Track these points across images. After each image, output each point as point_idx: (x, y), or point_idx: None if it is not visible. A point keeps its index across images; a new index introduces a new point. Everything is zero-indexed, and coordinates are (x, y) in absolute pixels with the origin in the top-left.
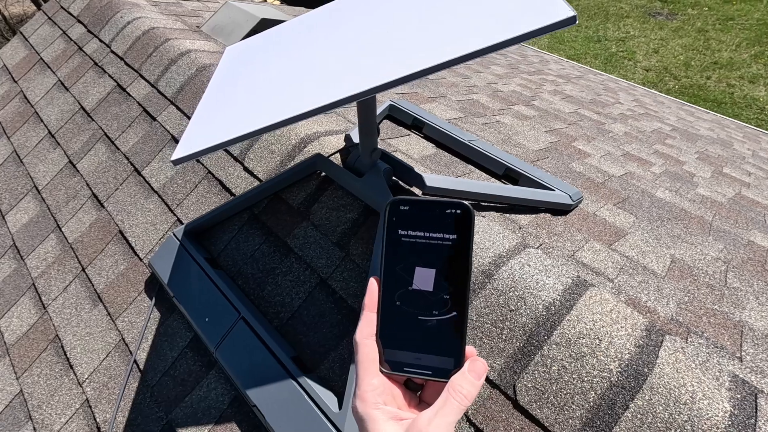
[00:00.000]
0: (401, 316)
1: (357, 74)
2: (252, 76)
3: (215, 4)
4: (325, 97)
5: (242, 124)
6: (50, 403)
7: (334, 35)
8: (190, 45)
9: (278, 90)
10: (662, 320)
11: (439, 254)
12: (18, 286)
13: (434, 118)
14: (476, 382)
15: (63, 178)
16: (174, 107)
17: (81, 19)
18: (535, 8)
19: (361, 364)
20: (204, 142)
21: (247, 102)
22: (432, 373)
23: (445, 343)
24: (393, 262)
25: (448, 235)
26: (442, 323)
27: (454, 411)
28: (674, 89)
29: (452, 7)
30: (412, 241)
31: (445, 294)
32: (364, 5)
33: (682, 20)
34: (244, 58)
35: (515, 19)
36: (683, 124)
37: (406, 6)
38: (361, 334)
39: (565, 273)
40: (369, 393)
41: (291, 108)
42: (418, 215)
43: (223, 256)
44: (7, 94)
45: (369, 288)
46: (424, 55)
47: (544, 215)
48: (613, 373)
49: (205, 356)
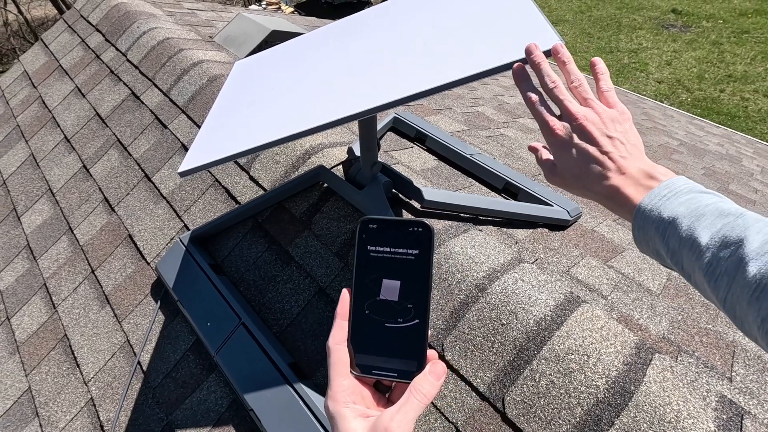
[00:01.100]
0: (370, 323)
1: (361, 93)
2: (259, 91)
3: (229, 14)
4: (327, 115)
5: (247, 139)
6: (56, 400)
7: (340, 54)
8: (202, 55)
9: (283, 106)
10: (653, 338)
11: (403, 268)
12: (30, 286)
13: (437, 131)
14: (436, 383)
15: (77, 181)
16: (185, 116)
17: (99, 28)
18: (527, 36)
19: (333, 367)
20: (210, 155)
21: (252, 117)
22: (397, 375)
23: (408, 347)
24: (363, 275)
25: (411, 251)
26: (405, 330)
27: (414, 408)
28: (687, 102)
29: (455, 32)
30: (379, 255)
31: (409, 303)
32: (372, 24)
33: (696, 32)
34: (251, 73)
35: (508, 46)
36: (692, 138)
37: (412, 28)
38: (334, 340)
39: (558, 289)
40: (339, 393)
41: (295, 125)
42: (384, 233)
43: (227, 262)
44: (26, 99)
45: (341, 298)
46: (424, 77)
47: (541, 230)
48: (600, 389)
49: (206, 360)
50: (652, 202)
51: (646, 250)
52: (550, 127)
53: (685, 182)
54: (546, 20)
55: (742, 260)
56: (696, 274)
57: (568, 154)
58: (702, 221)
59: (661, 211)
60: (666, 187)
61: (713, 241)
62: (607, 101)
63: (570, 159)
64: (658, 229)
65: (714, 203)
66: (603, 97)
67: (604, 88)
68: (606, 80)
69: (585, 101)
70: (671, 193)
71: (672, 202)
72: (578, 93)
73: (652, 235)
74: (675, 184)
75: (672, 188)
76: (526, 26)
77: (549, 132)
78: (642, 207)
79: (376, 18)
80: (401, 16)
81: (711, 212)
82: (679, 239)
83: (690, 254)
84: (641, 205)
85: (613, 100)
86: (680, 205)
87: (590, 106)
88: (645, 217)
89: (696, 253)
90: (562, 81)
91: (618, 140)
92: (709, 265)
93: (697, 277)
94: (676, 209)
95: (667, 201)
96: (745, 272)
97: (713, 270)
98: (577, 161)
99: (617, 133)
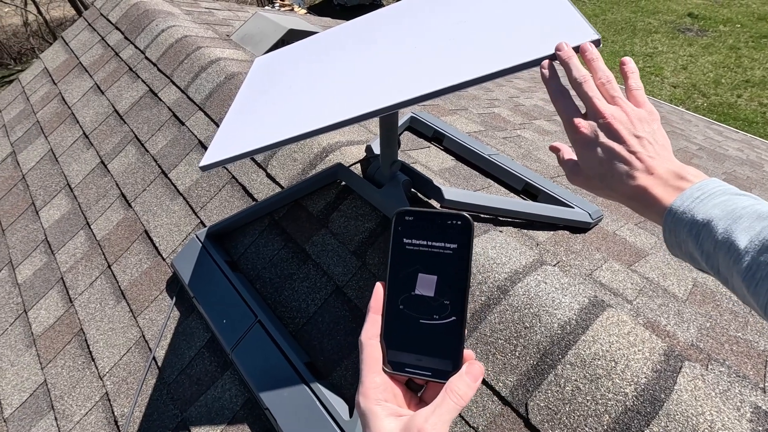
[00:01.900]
0: (404, 319)
1: (387, 88)
2: (279, 87)
3: (245, 13)
4: (349, 111)
5: (268, 135)
6: (72, 394)
7: (363, 49)
8: (219, 53)
9: (305, 102)
10: (682, 345)
11: (440, 262)
12: (47, 280)
13: (454, 131)
14: (473, 384)
15: (94, 177)
16: (202, 113)
17: (119, 26)
18: (561, 30)
19: (365, 362)
20: (231, 150)
21: (273, 112)
22: (431, 375)
23: (444, 346)
24: (398, 269)
25: (449, 245)
26: (441, 327)
27: (450, 410)
28: (702, 107)
29: (484, 26)
30: (415, 249)
31: (446, 300)
32: (395, 21)
33: (712, 37)
34: (272, 69)
35: (540, 40)
36: (711, 143)
37: (437, 23)
38: (366, 335)
39: (582, 292)
40: (371, 390)
41: (316, 121)
42: (421, 225)
43: (243, 259)
44: (46, 96)
45: (375, 292)
46: (449, 73)
47: (562, 232)
48: (629, 397)
49: (221, 357)
50: (684, 203)
51: (678, 254)
52: (575, 124)
53: (719, 184)
54: (581, 15)
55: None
56: (733, 278)
57: (593, 153)
58: (740, 223)
59: (694, 213)
60: (699, 189)
61: (753, 245)
62: (636, 100)
63: (594, 158)
64: (690, 231)
65: (751, 205)
66: (632, 96)
67: (634, 86)
68: (635, 79)
69: (612, 99)
70: (704, 195)
71: (706, 204)
72: (605, 90)
73: (685, 237)
74: (708, 185)
75: (705, 190)
76: (560, 21)
77: (574, 129)
78: (673, 209)
79: (398, 14)
80: (425, 12)
81: (749, 215)
82: (715, 242)
83: (727, 258)
84: (672, 206)
85: (642, 99)
86: (715, 207)
87: (618, 104)
88: (677, 220)
89: (734, 257)
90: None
91: (646, 140)
92: (748, 270)
93: (734, 281)
94: (711, 211)
95: (701, 203)
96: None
97: (753, 274)
98: (602, 160)
99: (645, 133)
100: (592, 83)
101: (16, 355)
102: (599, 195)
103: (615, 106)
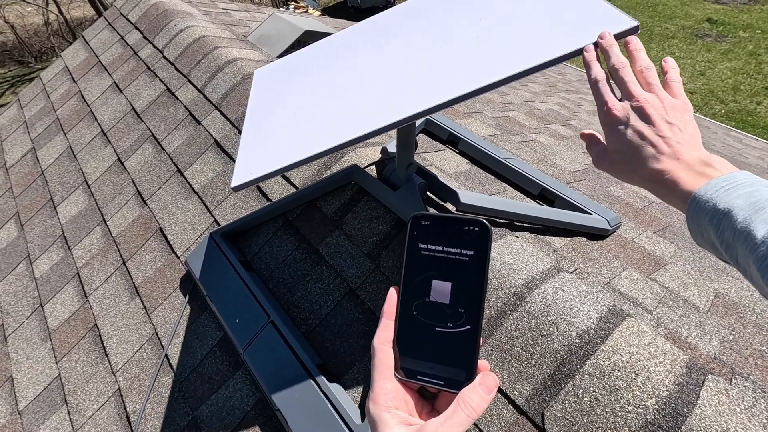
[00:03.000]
0: (417, 325)
1: (418, 91)
2: (297, 97)
3: (262, 14)
4: (378, 120)
5: (295, 152)
6: (85, 389)
7: (381, 51)
8: (236, 53)
9: (329, 111)
10: (704, 358)
11: (456, 269)
12: (63, 275)
13: (470, 134)
14: (486, 396)
15: (111, 174)
16: (218, 112)
17: (138, 26)
18: (599, 20)
19: (377, 368)
20: (261, 168)
21: (297, 126)
22: (444, 384)
23: (458, 355)
24: (412, 274)
25: (465, 251)
26: (455, 335)
27: (461, 422)
28: (720, 114)
29: (508, 20)
30: (431, 254)
31: (460, 308)
32: (414, 18)
33: (732, 43)
34: (282, 78)
35: (579, 30)
36: (730, 151)
37: (457, 18)
38: (379, 340)
39: (600, 300)
40: (381, 396)
41: (345, 132)
42: (437, 230)
43: (257, 259)
44: (66, 93)
45: (388, 296)
46: (485, 71)
47: (579, 239)
48: (650, 410)
49: (233, 356)
50: (707, 192)
51: (701, 242)
52: (609, 106)
53: (747, 176)
54: (614, 7)
55: None
56: (751, 268)
57: (622, 135)
58: (761, 214)
59: (716, 202)
60: (726, 180)
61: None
62: (672, 91)
63: (623, 139)
64: (712, 220)
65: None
66: (669, 87)
67: (673, 78)
68: (675, 73)
69: (649, 86)
70: (730, 186)
71: (730, 194)
72: (643, 78)
73: (707, 226)
74: (736, 177)
75: (732, 181)
76: (595, 10)
77: (606, 111)
78: (697, 197)
79: (416, 11)
80: (443, 10)
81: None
82: (734, 231)
83: (744, 247)
84: (696, 195)
85: (679, 91)
86: (739, 197)
87: (653, 91)
88: (700, 208)
89: (750, 246)
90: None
91: (677, 127)
92: (764, 259)
93: (752, 271)
94: (734, 201)
95: (725, 192)
96: None
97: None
98: (630, 143)
99: (677, 120)
100: (629, 70)
101: (32, 348)
102: (623, 179)
103: (650, 93)
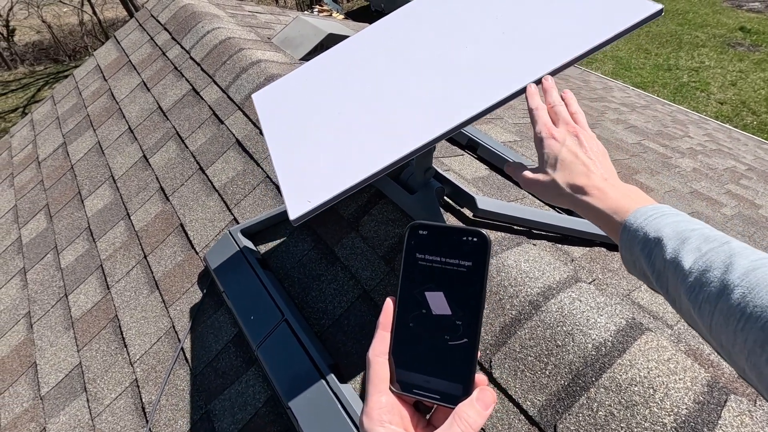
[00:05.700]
0: (414, 337)
1: (458, 98)
2: (325, 115)
3: (286, 17)
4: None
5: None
6: (104, 378)
7: (405, 57)
8: (261, 55)
9: (369, 129)
10: (726, 377)
11: (453, 280)
12: (88, 266)
13: (489, 140)
14: (483, 412)
15: (136, 170)
16: (241, 112)
17: (167, 27)
18: (619, 8)
19: (371, 381)
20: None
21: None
22: (440, 398)
23: (454, 369)
24: (409, 285)
25: (463, 262)
26: (452, 349)
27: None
28: (752, 125)
29: (532, 16)
30: (428, 265)
31: (458, 320)
32: (433, 17)
33: (765, 52)
34: (296, 97)
35: (602, 22)
36: (761, 164)
37: (478, 18)
38: (374, 352)
39: (619, 313)
40: (376, 410)
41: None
42: (436, 240)
43: (273, 257)
44: (97, 91)
45: (384, 307)
46: (520, 72)
47: (599, 249)
48: (668, 427)
49: (246, 353)
50: (637, 221)
51: (632, 271)
52: (549, 128)
53: (671, 208)
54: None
55: (726, 287)
56: (681, 299)
57: (558, 152)
58: (687, 244)
59: (647, 231)
60: (654, 209)
61: (697, 265)
62: (580, 124)
63: (560, 156)
64: (643, 249)
65: (700, 228)
66: (574, 117)
67: (577, 111)
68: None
69: (573, 115)
70: (658, 214)
71: (659, 222)
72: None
73: (638, 254)
74: (661, 208)
75: (659, 210)
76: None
77: (548, 133)
78: (628, 225)
79: (419, 14)
80: (462, 10)
81: (697, 236)
82: (664, 261)
83: (674, 277)
84: (627, 222)
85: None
86: (666, 225)
87: (578, 122)
88: (631, 236)
89: (680, 277)
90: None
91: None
92: (692, 290)
93: (682, 302)
94: (663, 230)
95: (654, 221)
96: (729, 299)
97: (696, 295)
98: (563, 159)
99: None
100: (563, 108)
101: (56, 336)
102: (550, 198)
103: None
